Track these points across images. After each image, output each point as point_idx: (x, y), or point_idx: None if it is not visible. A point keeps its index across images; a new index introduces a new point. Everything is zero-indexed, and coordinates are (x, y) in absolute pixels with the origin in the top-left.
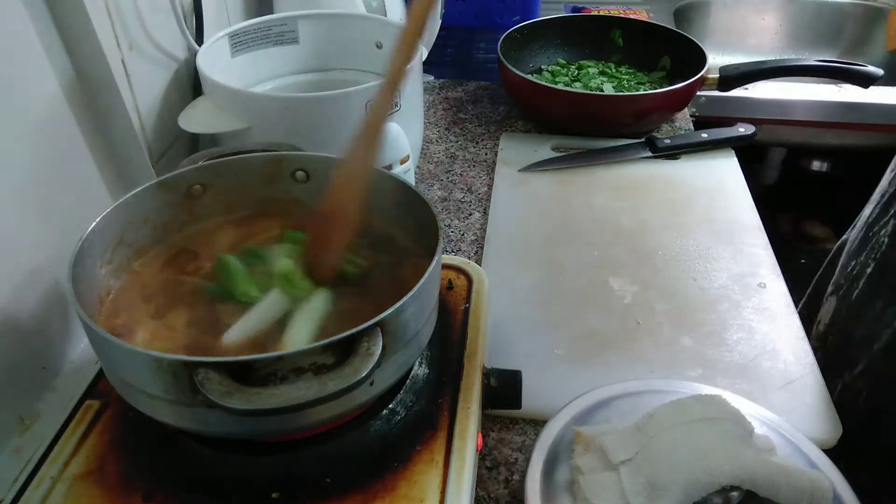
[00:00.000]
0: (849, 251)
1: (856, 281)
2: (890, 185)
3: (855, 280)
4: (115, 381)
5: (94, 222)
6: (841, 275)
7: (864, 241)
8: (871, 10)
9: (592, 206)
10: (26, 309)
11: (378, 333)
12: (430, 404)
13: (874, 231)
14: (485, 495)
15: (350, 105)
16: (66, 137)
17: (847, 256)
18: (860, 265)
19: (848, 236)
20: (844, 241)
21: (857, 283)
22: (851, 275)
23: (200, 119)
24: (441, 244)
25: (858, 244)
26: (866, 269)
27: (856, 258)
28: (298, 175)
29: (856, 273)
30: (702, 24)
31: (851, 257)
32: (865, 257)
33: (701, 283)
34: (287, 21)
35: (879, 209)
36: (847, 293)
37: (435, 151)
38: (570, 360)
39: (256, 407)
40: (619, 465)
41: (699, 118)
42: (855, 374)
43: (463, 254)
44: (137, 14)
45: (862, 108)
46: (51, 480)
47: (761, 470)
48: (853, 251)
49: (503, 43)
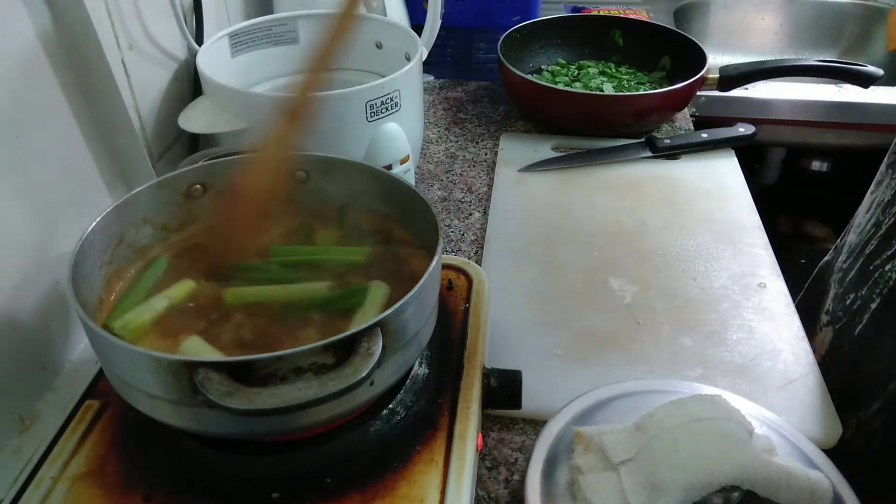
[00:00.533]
0: (842, 280)
1: (857, 315)
2: (885, 216)
3: (856, 314)
4: (115, 381)
5: (94, 222)
6: (837, 305)
7: (863, 273)
8: (871, 10)
9: (592, 206)
10: (26, 309)
11: (378, 333)
12: (430, 404)
13: (876, 265)
14: (485, 495)
15: (350, 105)
16: (65, 137)
17: (841, 286)
18: (862, 299)
19: (833, 260)
20: (828, 262)
21: (860, 318)
22: (851, 308)
23: (200, 119)
24: (441, 244)
25: (857, 276)
26: (870, 304)
27: (855, 290)
28: (298, 175)
29: (856, 307)
30: (702, 24)
31: (849, 289)
32: (868, 291)
33: (701, 283)
34: (287, 21)
35: (878, 241)
36: (847, 327)
37: (435, 151)
38: (570, 360)
39: (256, 407)
40: (619, 465)
41: (699, 118)
42: (870, 414)
43: (463, 254)
44: (137, 14)
45: (862, 108)
46: (51, 480)
47: (761, 470)
48: (851, 283)
49: (503, 43)
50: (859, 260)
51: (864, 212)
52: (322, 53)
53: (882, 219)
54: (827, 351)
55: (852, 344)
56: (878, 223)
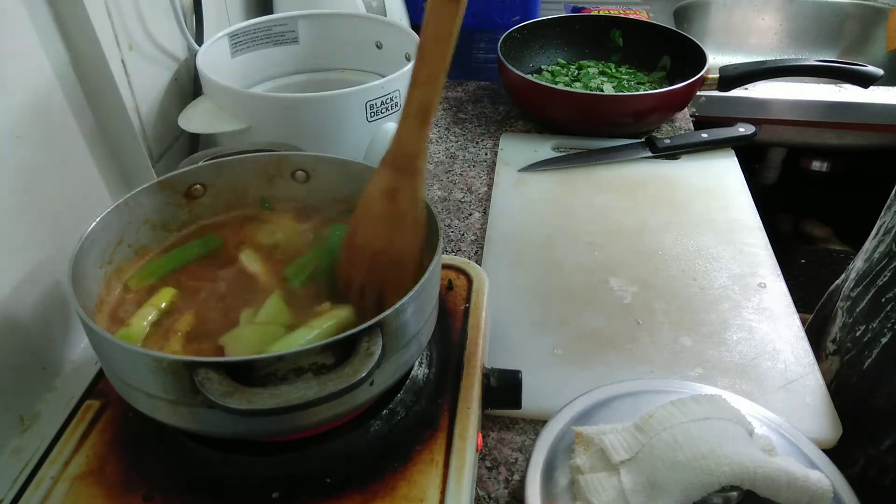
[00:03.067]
0: (850, 309)
1: (867, 349)
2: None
3: (866, 347)
4: (115, 381)
5: (94, 222)
6: (845, 336)
7: (874, 305)
8: (871, 10)
9: (592, 206)
10: (26, 309)
11: (378, 333)
12: (430, 404)
13: (888, 297)
14: (485, 495)
15: (350, 105)
16: (65, 137)
17: (850, 316)
18: (872, 332)
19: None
20: (838, 286)
21: (870, 352)
22: (861, 341)
23: (200, 119)
24: (441, 244)
25: (868, 308)
26: (880, 339)
27: (865, 323)
28: (298, 175)
29: (866, 340)
30: (702, 24)
31: (859, 320)
32: (879, 325)
33: (701, 283)
34: (287, 21)
35: (892, 273)
36: (856, 360)
37: (435, 151)
38: (570, 360)
39: (256, 407)
40: (619, 465)
41: (699, 118)
42: (882, 450)
43: (463, 254)
44: (137, 14)
45: (862, 108)
46: (51, 480)
47: (761, 470)
48: (861, 314)
49: (503, 43)
50: (870, 290)
51: (873, 237)
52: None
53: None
54: (833, 380)
55: (861, 377)
56: (892, 253)
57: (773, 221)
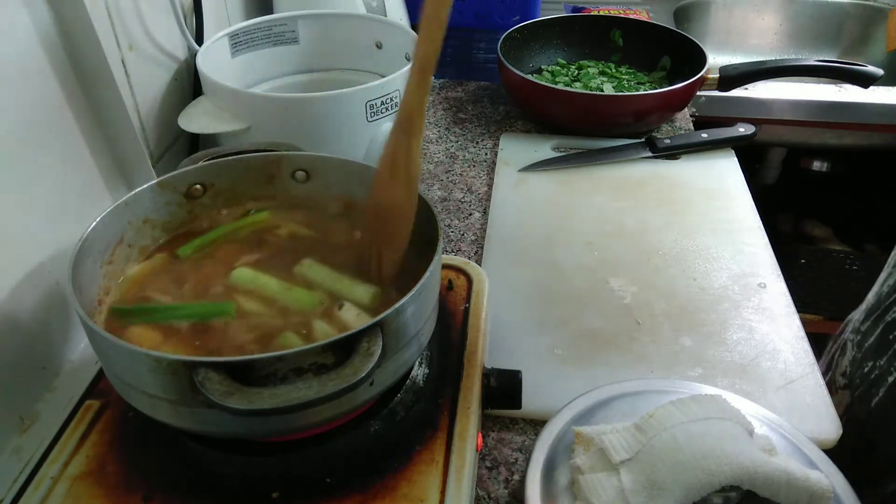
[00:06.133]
0: (860, 343)
1: (874, 386)
2: None
3: (873, 385)
4: (115, 381)
5: (94, 222)
6: (855, 371)
7: (883, 341)
8: (871, 10)
9: (592, 206)
10: (26, 309)
11: (378, 333)
12: (430, 404)
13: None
14: (485, 495)
15: (350, 105)
16: (65, 137)
17: (860, 350)
18: (880, 369)
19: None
20: (851, 318)
21: (877, 390)
22: (868, 377)
23: (200, 119)
24: (441, 244)
25: (876, 343)
26: (888, 377)
27: (874, 359)
28: (298, 175)
29: (874, 377)
30: (702, 24)
31: (868, 356)
32: (887, 363)
33: (701, 283)
34: (287, 21)
35: None
36: (865, 396)
37: (435, 151)
38: (570, 360)
39: (256, 407)
40: (619, 465)
41: (699, 118)
42: (888, 493)
43: (463, 254)
44: (137, 14)
45: (862, 108)
46: (51, 480)
47: (761, 470)
48: (870, 349)
49: (503, 43)
50: (879, 325)
51: (886, 268)
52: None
53: None
54: (844, 414)
55: (868, 416)
56: None
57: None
